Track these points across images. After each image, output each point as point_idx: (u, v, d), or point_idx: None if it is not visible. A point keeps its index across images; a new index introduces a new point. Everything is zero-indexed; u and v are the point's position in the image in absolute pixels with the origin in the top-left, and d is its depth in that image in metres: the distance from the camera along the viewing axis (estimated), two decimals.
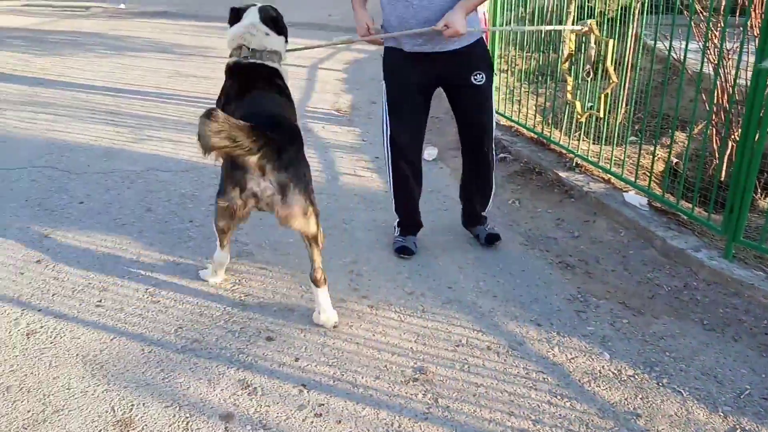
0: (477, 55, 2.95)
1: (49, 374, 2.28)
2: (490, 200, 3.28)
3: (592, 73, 3.37)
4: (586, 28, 3.02)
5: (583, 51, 3.54)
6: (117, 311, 2.65)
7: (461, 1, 2.71)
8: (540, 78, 4.77)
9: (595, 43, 3.36)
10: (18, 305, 2.68)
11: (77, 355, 2.38)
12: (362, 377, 2.30)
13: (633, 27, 3.88)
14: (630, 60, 3.85)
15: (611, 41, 3.33)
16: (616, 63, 3.47)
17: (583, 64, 3.48)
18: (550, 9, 4.78)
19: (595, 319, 2.66)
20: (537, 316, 2.68)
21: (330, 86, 6.36)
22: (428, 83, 3.01)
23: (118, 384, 2.23)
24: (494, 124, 3.12)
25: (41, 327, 2.54)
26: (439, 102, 5.71)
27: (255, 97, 2.63)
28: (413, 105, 3.04)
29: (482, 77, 2.94)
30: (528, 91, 4.63)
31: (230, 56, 2.80)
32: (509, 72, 4.93)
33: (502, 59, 4.94)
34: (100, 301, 2.72)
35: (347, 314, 2.66)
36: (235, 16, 2.80)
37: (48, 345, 2.43)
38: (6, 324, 2.56)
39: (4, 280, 2.85)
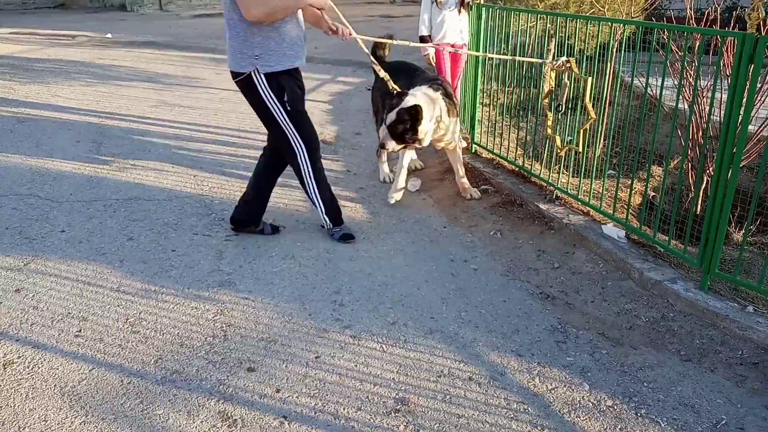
0: None
1: (26, 406, 2.24)
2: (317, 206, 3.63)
3: (563, 107, 3.45)
4: (559, 64, 3.10)
5: (561, 87, 3.63)
6: (96, 341, 2.62)
7: None
8: (521, 112, 4.88)
9: (568, 79, 3.45)
10: None
11: (55, 386, 2.34)
12: (344, 408, 2.29)
13: (611, 64, 4.00)
14: (608, 96, 3.96)
15: (590, 79, 3.43)
16: (594, 99, 3.56)
17: (560, 100, 3.57)
18: (531, 46, 4.91)
19: (575, 350, 2.69)
20: (518, 346, 2.70)
21: (316, 117, 6.39)
22: None
23: (96, 416, 2.20)
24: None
25: (18, 357, 2.51)
26: None
27: None
28: None
29: None
30: (510, 125, 4.72)
31: None
32: (491, 106, 5.03)
33: (484, 93, 5.04)
34: (80, 331, 2.69)
35: (329, 345, 2.67)
36: None
37: (25, 376, 2.40)
38: None
39: None
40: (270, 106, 3.28)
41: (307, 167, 3.46)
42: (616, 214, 3.50)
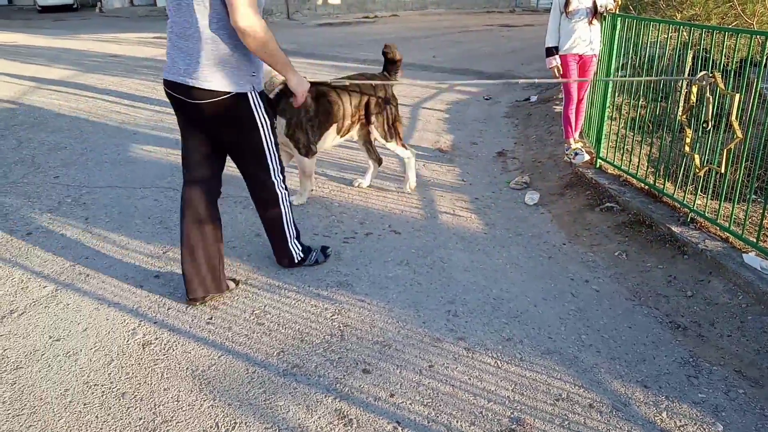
0: None
1: (161, 385, 2.42)
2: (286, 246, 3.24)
3: (709, 124, 3.21)
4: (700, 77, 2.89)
5: (703, 103, 3.39)
6: (225, 330, 2.78)
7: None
8: (652, 127, 4.60)
9: (711, 95, 3.22)
10: (136, 316, 2.88)
11: (187, 368, 2.51)
12: (457, 421, 2.27)
13: (759, 81, 3.69)
14: (754, 114, 3.65)
15: (737, 95, 3.18)
16: (741, 117, 3.30)
17: (702, 116, 3.32)
18: (668, 57, 4.63)
19: (708, 386, 2.49)
20: (644, 377, 2.55)
21: (432, 125, 6.46)
22: None
23: (224, 401, 2.33)
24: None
25: (156, 338, 2.71)
26: (542, 146, 5.67)
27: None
28: None
29: None
30: (641, 141, 4.47)
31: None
32: (620, 120, 4.80)
33: (613, 107, 4.83)
34: (211, 318, 2.87)
35: (443, 355, 2.65)
36: None
37: (161, 356, 2.59)
38: (124, 333, 2.75)
39: (125, 291, 3.08)
40: (262, 130, 2.83)
41: (289, 212, 3.15)
42: (760, 242, 3.22)
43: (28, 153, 5.25)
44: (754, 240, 3.25)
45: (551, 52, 4.78)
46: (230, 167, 4.67)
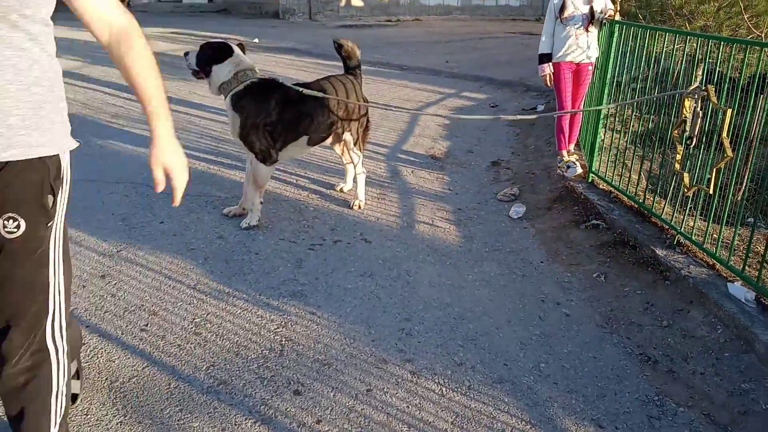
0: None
1: None
2: None
3: (694, 141, 2.97)
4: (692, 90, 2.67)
5: (692, 118, 3.14)
6: (158, 338, 2.62)
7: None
8: (644, 141, 4.32)
9: (700, 109, 2.98)
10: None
11: (107, 379, 2.36)
12: None
13: (763, 97, 3.43)
14: (755, 133, 3.40)
15: (729, 110, 2.93)
16: (741, 137, 3.05)
17: (690, 130, 3.07)
18: (677, 71, 4.37)
19: (670, 430, 2.26)
20: (601, 414, 2.33)
21: (430, 131, 6.26)
22: None
23: (134, 418, 2.17)
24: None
25: (82, 344, 2.55)
26: (539, 157, 5.43)
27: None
28: None
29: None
30: (641, 156, 4.19)
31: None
32: (613, 132, 4.54)
33: (608, 119, 4.59)
34: (146, 325, 2.71)
35: (385, 378, 2.46)
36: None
37: (83, 365, 2.43)
38: None
39: None
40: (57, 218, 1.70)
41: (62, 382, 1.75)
42: (746, 271, 2.96)
43: None
44: (741, 268, 2.99)
45: (543, 60, 4.55)
46: (206, 165, 4.46)
